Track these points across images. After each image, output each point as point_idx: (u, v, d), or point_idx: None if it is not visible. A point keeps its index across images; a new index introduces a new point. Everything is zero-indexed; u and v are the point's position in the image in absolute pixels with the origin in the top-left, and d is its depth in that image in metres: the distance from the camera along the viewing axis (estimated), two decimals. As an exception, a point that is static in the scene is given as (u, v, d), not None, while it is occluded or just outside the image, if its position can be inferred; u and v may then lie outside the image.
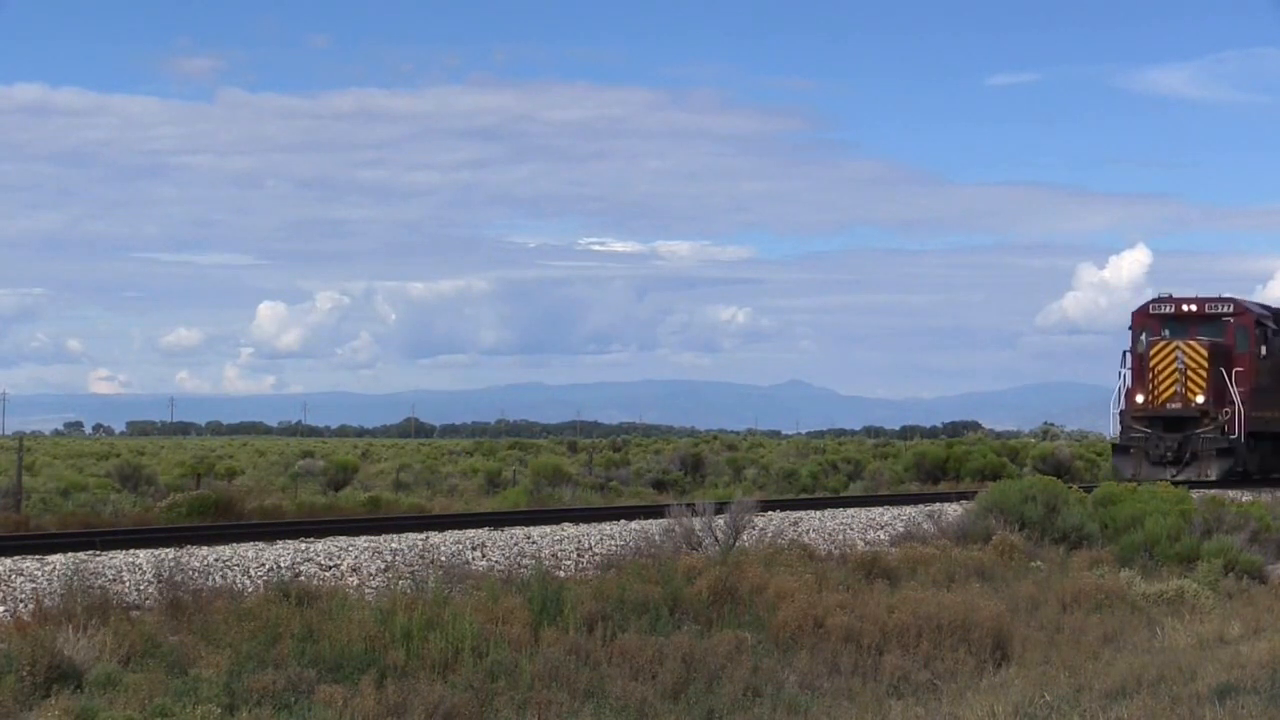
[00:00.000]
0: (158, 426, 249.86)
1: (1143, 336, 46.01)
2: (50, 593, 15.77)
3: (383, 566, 19.16)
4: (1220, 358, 45.37)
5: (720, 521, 21.54)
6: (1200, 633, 18.59)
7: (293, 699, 12.64)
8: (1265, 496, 35.86)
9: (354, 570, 18.90)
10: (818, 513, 28.92)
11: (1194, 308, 46.54)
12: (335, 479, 47.51)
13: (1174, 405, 44.93)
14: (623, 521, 25.65)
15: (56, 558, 18.36)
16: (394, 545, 20.70)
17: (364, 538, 21.76)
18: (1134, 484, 40.31)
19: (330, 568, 18.97)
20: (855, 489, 49.28)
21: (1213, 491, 35.59)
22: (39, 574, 17.15)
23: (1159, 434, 44.74)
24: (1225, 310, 46.54)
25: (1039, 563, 23.05)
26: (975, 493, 28.41)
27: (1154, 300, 47.02)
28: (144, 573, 17.26)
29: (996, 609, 17.43)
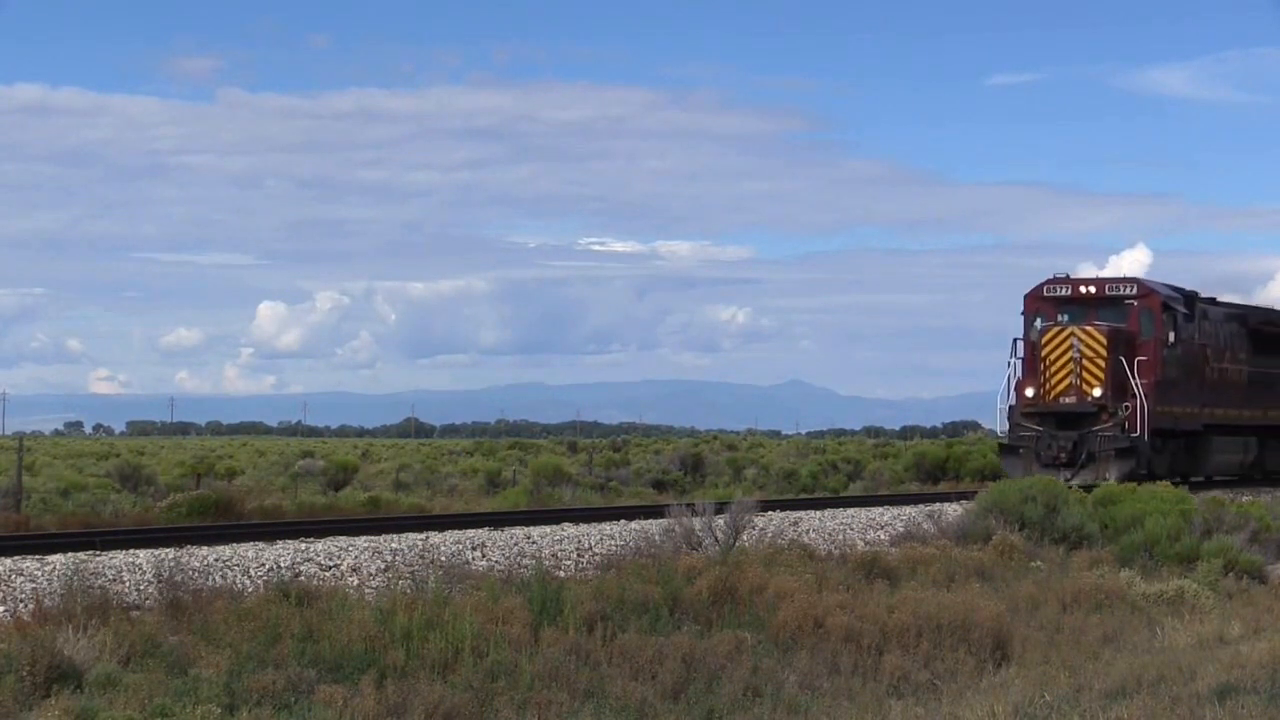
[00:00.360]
0: (158, 426, 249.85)
1: (1037, 322, 41.28)
2: (50, 593, 15.76)
3: (383, 566, 19.16)
4: (1121, 345, 40.31)
5: (720, 521, 21.54)
6: (1200, 633, 18.59)
7: (293, 699, 12.64)
8: (1265, 497, 35.88)
9: (354, 570, 18.90)
10: (818, 513, 28.91)
11: (1093, 289, 41.74)
12: (335, 479, 47.51)
13: (1068, 399, 39.90)
14: (623, 521, 25.64)
15: (56, 558, 18.36)
16: (394, 545, 20.70)
17: (364, 538, 21.75)
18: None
19: (330, 568, 18.96)
20: (855, 489, 49.28)
21: (1214, 491, 35.60)
22: (39, 574, 17.14)
23: (1051, 432, 39.75)
24: (1128, 292, 41.67)
25: (1039, 563, 23.05)
26: (975, 493, 28.40)
27: (1048, 281, 42.06)
28: (144, 573, 17.26)
29: (996, 609, 17.43)
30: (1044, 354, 40.06)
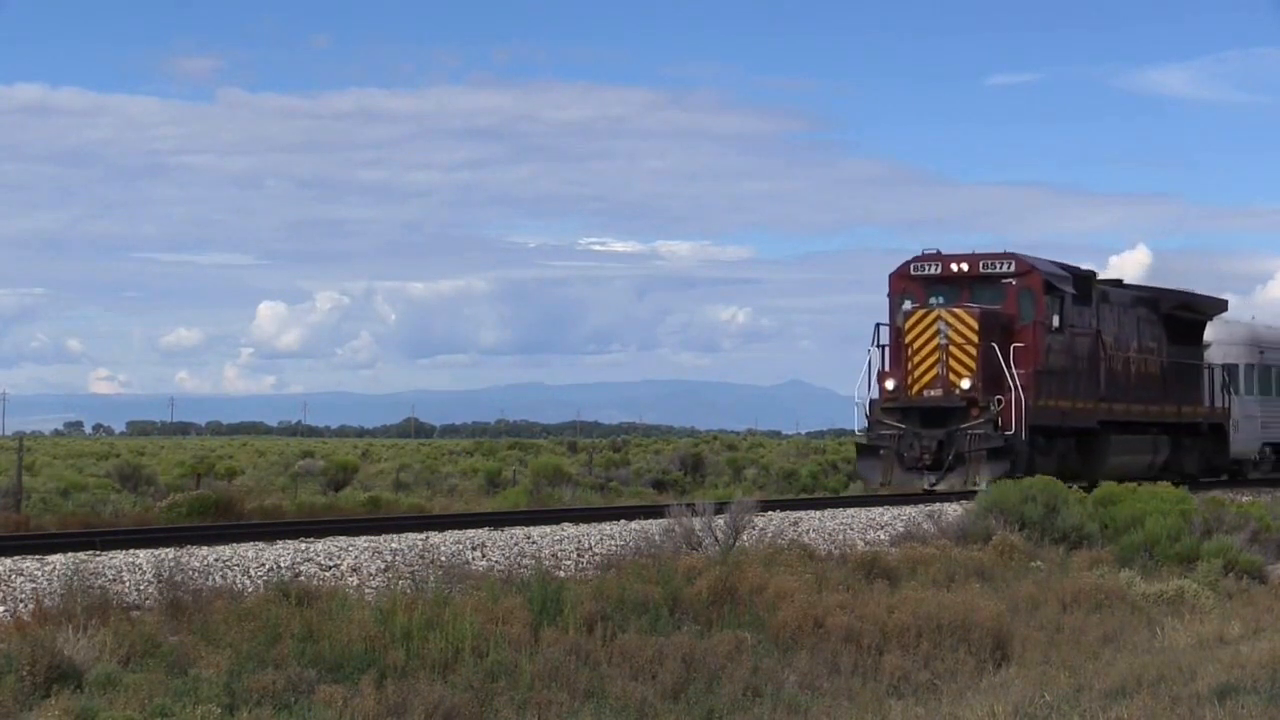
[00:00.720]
0: (158, 426, 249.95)
1: (906, 304, 36.66)
2: (50, 593, 15.75)
3: (383, 566, 19.15)
4: (995, 330, 35.56)
5: (720, 521, 21.53)
6: (1200, 633, 18.59)
7: (293, 699, 12.64)
8: (1265, 497, 35.85)
9: (354, 570, 18.89)
10: (818, 513, 28.90)
11: (965, 267, 36.73)
12: (335, 479, 47.51)
13: (933, 393, 35.21)
14: (623, 521, 25.63)
15: (56, 558, 18.35)
16: (394, 545, 20.69)
17: (364, 538, 21.74)
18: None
19: (330, 568, 18.95)
20: (855, 489, 49.26)
21: (1213, 491, 35.48)
22: (39, 574, 17.13)
23: (914, 430, 35.02)
24: (1005, 269, 36.66)
25: (1039, 563, 23.05)
26: (975, 493, 28.39)
27: (915, 259, 37.18)
28: (144, 573, 17.25)
29: (996, 609, 17.43)
30: (908, 341, 35.49)
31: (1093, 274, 39.60)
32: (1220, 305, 48.06)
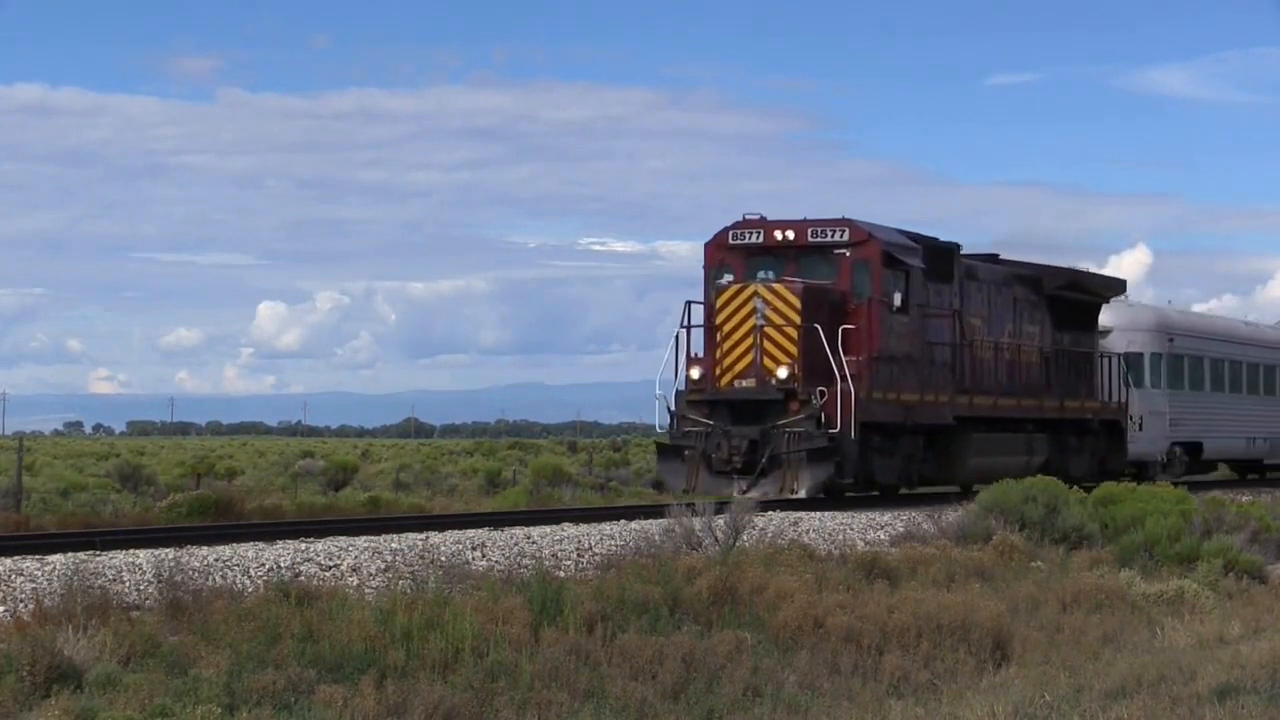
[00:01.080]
0: (158, 426, 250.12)
1: (726, 278, 31.45)
2: (50, 593, 15.75)
3: (383, 566, 19.15)
4: (823, 309, 30.35)
5: (720, 522, 21.54)
6: (1200, 633, 18.59)
7: (293, 699, 12.64)
8: (1265, 497, 35.84)
9: (354, 570, 18.90)
10: (818, 513, 28.90)
11: (791, 234, 31.17)
12: (335, 479, 47.51)
13: (745, 383, 30.13)
14: (623, 521, 25.64)
15: (56, 558, 18.35)
16: (394, 545, 20.70)
17: (364, 538, 21.75)
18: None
19: (330, 568, 18.96)
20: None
21: (1213, 492, 35.38)
22: (39, 574, 17.14)
23: (724, 428, 29.87)
24: (837, 238, 31.12)
25: (1039, 563, 23.06)
26: (975, 492, 28.39)
27: (734, 225, 31.78)
28: (144, 573, 17.25)
29: (996, 609, 17.43)
30: (719, 322, 30.40)
31: (953, 247, 34.33)
32: (1116, 285, 42.90)
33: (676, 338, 30.92)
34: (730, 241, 31.73)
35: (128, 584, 16.78)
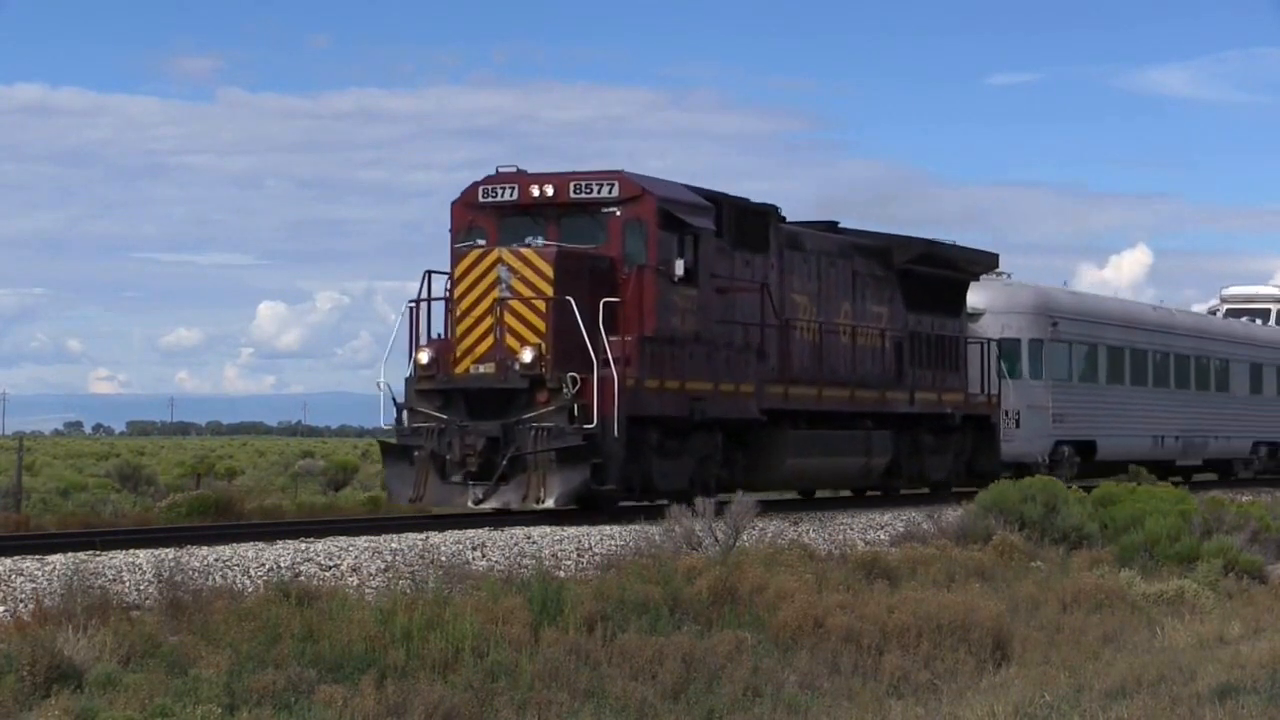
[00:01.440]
0: (158, 426, 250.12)
1: (479, 245, 25.70)
2: (50, 593, 15.75)
3: (383, 566, 19.14)
4: (582, 278, 24.91)
5: (720, 522, 21.54)
6: (1200, 633, 18.60)
7: (293, 699, 12.64)
8: (1265, 497, 35.82)
9: (354, 570, 18.89)
10: (818, 513, 28.89)
11: (550, 190, 25.77)
12: (335, 479, 47.51)
13: (484, 368, 24.70)
14: (623, 521, 25.62)
15: (56, 558, 18.34)
16: (394, 545, 20.68)
17: (364, 538, 21.73)
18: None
19: (330, 568, 18.95)
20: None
21: (1213, 492, 35.34)
22: (39, 574, 17.13)
23: (458, 423, 24.51)
24: (606, 193, 25.65)
25: (1039, 563, 23.06)
26: (975, 492, 28.40)
27: (486, 180, 26.43)
28: (144, 573, 17.24)
29: (996, 609, 17.44)
30: (456, 295, 25.12)
31: (768, 209, 29.00)
32: (986, 260, 36.74)
33: (410, 312, 25.62)
34: (480, 199, 26.35)
35: (128, 584, 16.78)
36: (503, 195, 26.27)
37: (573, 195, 25.90)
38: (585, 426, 24.16)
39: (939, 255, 34.24)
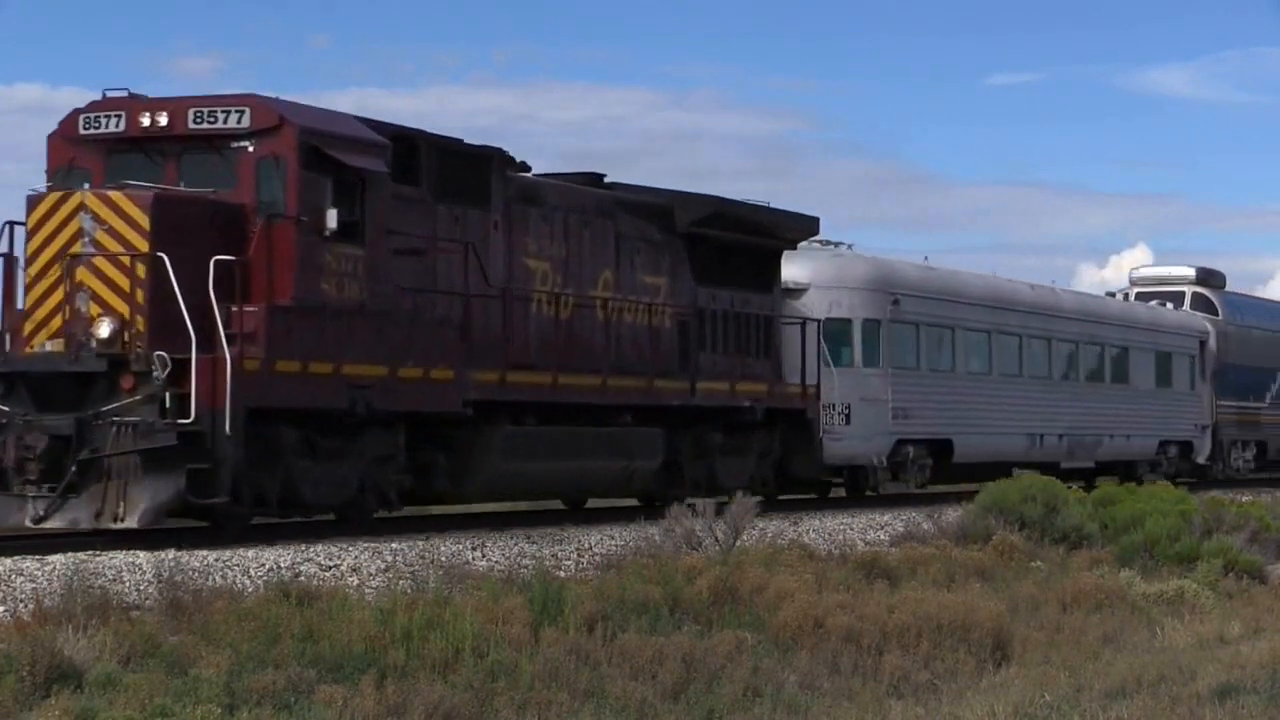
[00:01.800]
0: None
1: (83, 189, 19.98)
2: (50, 593, 15.72)
3: (383, 566, 19.13)
4: (193, 230, 19.52)
5: (720, 522, 21.53)
6: (1200, 633, 18.61)
7: (293, 699, 12.63)
8: (1265, 497, 35.81)
9: (354, 570, 18.87)
10: (818, 513, 28.88)
11: (165, 118, 20.17)
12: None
13: (51, 346, 19.25)
14: (623, 521, 25.61)
15: (56, 558, 18.29)
16: (394, 545, 20.65)
17: (364, 538, 21.71)
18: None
19: (330, 568, 18.92)
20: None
21: (1212, 492, 35.32)
22: (39, 574, 17.10)
23: (22, 416, 18.96)
24: (235, 123, 20.08)
25: (1039, 563, 23.05)
26: (975, 492, 28.40)
27: (90, 106, 20.73)
28: (144, 573, 17.22)
29: (996, 609, 17.44)
30: (30, 252, 19.61)
31: (490, 153, 23.45)
32: (803, 224, 30.36)
33: None
34: (81, 131, 20.67)
35: (128, 584, 16.76)
36: (107, 126, 20.58)
37: (193, 125, 20.33)
38: (181, 422, 18.73)
39: (736, 216, 28.11)
